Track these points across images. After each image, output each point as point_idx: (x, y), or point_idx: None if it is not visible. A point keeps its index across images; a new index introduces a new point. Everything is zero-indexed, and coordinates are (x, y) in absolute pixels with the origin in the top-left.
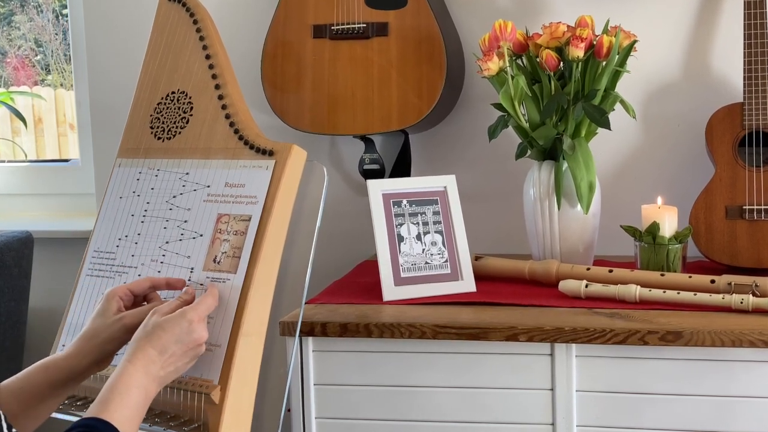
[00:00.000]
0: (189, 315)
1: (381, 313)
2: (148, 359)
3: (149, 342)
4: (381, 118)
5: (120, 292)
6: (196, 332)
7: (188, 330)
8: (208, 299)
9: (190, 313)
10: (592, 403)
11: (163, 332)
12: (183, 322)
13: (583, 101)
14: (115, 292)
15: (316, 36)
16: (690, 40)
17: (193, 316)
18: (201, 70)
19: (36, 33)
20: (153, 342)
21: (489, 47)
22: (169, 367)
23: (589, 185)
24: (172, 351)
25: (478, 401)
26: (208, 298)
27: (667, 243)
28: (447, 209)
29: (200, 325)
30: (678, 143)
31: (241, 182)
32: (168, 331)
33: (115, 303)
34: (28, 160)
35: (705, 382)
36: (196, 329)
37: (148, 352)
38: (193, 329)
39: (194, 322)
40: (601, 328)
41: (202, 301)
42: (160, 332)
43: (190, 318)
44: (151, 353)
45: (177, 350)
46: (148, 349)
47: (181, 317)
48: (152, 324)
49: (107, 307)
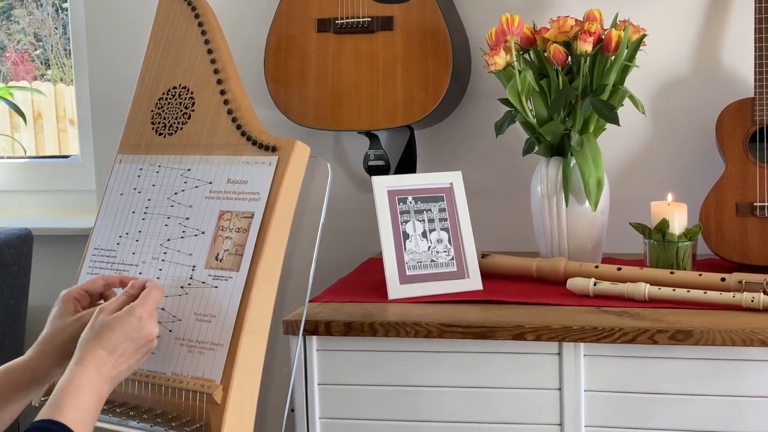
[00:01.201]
0: (137, 311)
1: (386, 312)
2: (99, 360)
3: (98, 342)
4: (386, 114)
5: (75, 293)
6: (146, 328)
7: (138, 327)
8: (153, 292)
9: (138, 309)
10: (600, 403)
11: (111, 332)
12: (132, 320)
13: (591, 96)
14: (70, 293)
15: (320, 30)
16: (700, 34)
17: (141, 312)
18: (203, 64)
19: (35, 27)
20: (102, 342)
21: (496, 41)
22: (121, 366)
23: (597, 182)
24: (123, 349)
25: (485, 401)
26: (153, 291)
27: (677, 240)
28: (453, 206)
29: (150, 321)
30: (688, 139)
31: (244, 179)
32: (117, 330)
33: (71, 304)
34: (27, 157)
35: (715, 381)
36: (146, 325)
37: (98, 353)
38: (143, 326)
39: (144, 318)
40: (610, 327)
41: (149, 294)
42: (108, 332)
43: (139, 314)
44: (101, 354)
45: (128, 348)
46: (97, 350)
47: (129, 314)
48: (99, 323)
49: (64, 309)
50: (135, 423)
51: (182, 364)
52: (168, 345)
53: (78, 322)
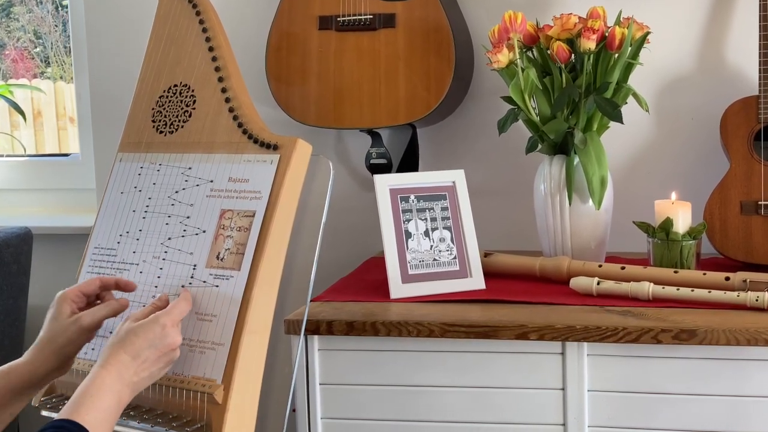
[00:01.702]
0: (162, 320)
1: (388, 311)
2: (122, 365)
3: (122, 347)
4: (388, 112)
5: (71, 294)
6: (169, 337)
7: (162, 335)
8: (181, 303)
9: (163, 318)
10: (604, 403)
11: (136, 337)
12: (156, 327)
13: (594, 94)
14: (66, 295)
15: (321, 27)
16: (704, 31)
17: (166, 320)
18: (204, 62)
19: (35, 24)
20: (126, 347)
21: (499, 39)
22: (143, 372)
23: (601, 180)
24: (146, 356)
25: (488, 401)
26: (182, 303)
27: (681, 239)
28: (456, 205)
29: (174, 330)
30: (692, 137)
31: (245, 177)
32: (141, 337)
33: (67, 306)
34: (27, 155)
35: (719, 381)
36: (170, 334)
37: (122, 358)
38: (166, 334)
39: (167, 327)
40: (614, 327)
41: (176, 305)
42: (133, 337)
43: (163, 323)
44: (124, 358)
45: (150, 355)
46: (121, 355)
47: (154, 322)
48: (125, 330)
49: (60, 310)
50: (135, 423)
51: (183, 363)
52: None
53: (75, 325)
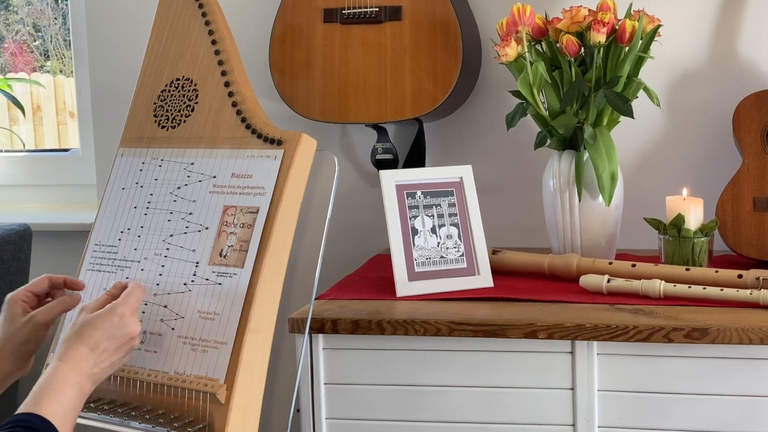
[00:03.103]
0: (119, 309)
1: (394, 310)
2: (81, 357)
3: (80, 339)
4: (394, 106)
5: (21, 295)
6: (128, 326)
7: (120, 324)
8: (136, 290)
9: (120, 307)
10: (614, 403)
11: (93, 329)
12: (114, 317)
13: (605, 88)
14: (15, 296)
15: (326, 20)
16: (716, 24)
17: (124, 309)
18: (207, 56)
19: (34, 17)
20: (84, 339)
21: (507, 32)
22: (103, 363)
23: (611, 176)
24: (105, 347)
25: (496, 401)
26: (136, 290)
27: (693, 236)
28: (463, 201)
29: (132, 318)
30: (704, 132)
31: (249, 173)
32: (99, 328)
33: (18, 306)
34: (26, 150)
35: (732, 381)
36: (129, 323)
37: (80, 350)
38: (125, 323)
39: (126, 316)
40: (624, 325)
41: (131, 292)
42: (90, 329)
43: (121, 312)
44: (82, 351)
45: (110, 346)
46: (79, 347)
47: (111, 312)
48: (81, 321)
49: (12, 312)
50: (137, 423)
51: (185, 362)
52: (171, 343)
53: (30, 323)
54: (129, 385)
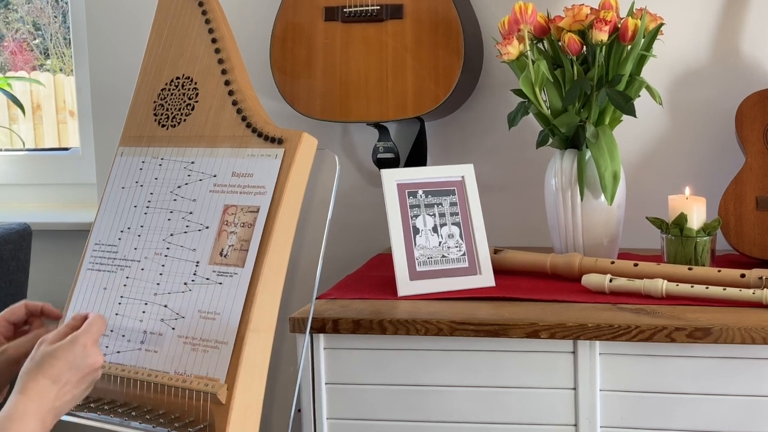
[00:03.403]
0: (81, 339)
1: (395, 309)
2: (42, 389)
3: (41, 371)
4: (395, 105)
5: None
6: (91, 357)
7: (82, 355)
8: (97, 321)
9: (82, 337)
10: (616, 403)
11: (55, 360)
12: (76, 348)
13: (607, 87)
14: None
15: (327, 19)
16: (719, 22)
17: (86, 339)
18: (207, 54)
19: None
20: (45, 371)
21: (509, 30)
22: (65, 396)
23: (613, 175)
24: (67, 379)
25: (497, 401)
26: (98, 320)
27: (695, 235)
28: (465, 200)
29: (94, 349)
30: (706, 131)
31: (249, 172)
32: (61, 359)
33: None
34: (26, 149)
35: (735, 381)
36: (91, 353)
37: (41, 383)
38: (87, 353)
39: (88, 346)
40: (626, 325)
41: (93, 323)
42: (52, 360)
43: (83, 342)
44: (44, 383)
45: (72, 378)
46: (40, 379)
47: (73, 342)
48: (41, 353)
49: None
50: (137, 423)
51: (185, 362)
52: (171, 343)
53: (2, 357)
54: (129, 385)
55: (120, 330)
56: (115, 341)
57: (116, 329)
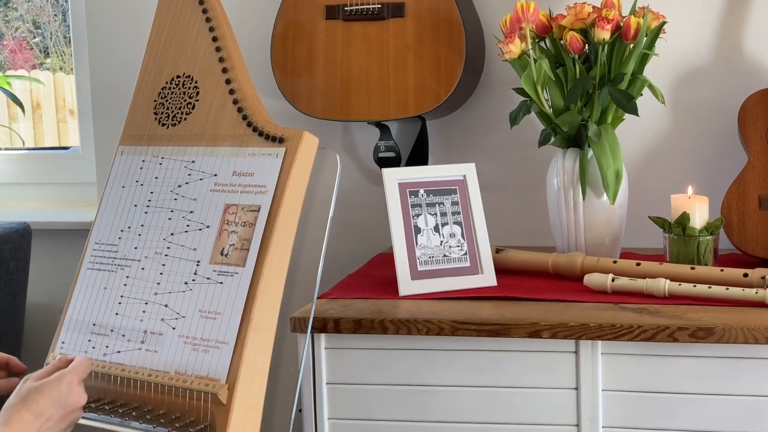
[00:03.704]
0: (67, 377)
1: (397, 309)
2: (24, 423)
3: (25, 406)
4: (397, 104)
5: None
6: (75, 394)
7: (67, 392)
8: (84, 362)
9: (68, 376)
10: (618, 403)
11: (40, 396)
12: (61, 385)
13: (609, 86)
14: None
15: (328, 17)
16: (721, 21)
17: (72, 378)
18: (208, 53)
19: (34, 14)
20: (29, 406)
21: (510, 29)
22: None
23: (615, 174)
24: (50, 414)
25: (499, 401)
26: (84, 361)
27: (698, 235)
28: (466, 199)
29: (79, 388)
30: (709, 130)
31: (250, 171)
32: (45, 395)
33: None
34: (25, 148)
35: (737, 381)
36: (75, 391)
37: (24, 416)
38: (72, 391)
39: (73, 384)
40: (629, 324)
41: (79, 363)
42: (36, 395)
43: (69, 380)
44: (27, 417)
45: (54, 414)
46: (23, 413)
47: (58, 380)
48: (27, 388)
49: None
50: (137, 424)
51: (186, 362)
52: (171, 343)
53: None
54: (129, 385)
55: (120, 330)
56: (115, 341)
57: (116, 329)
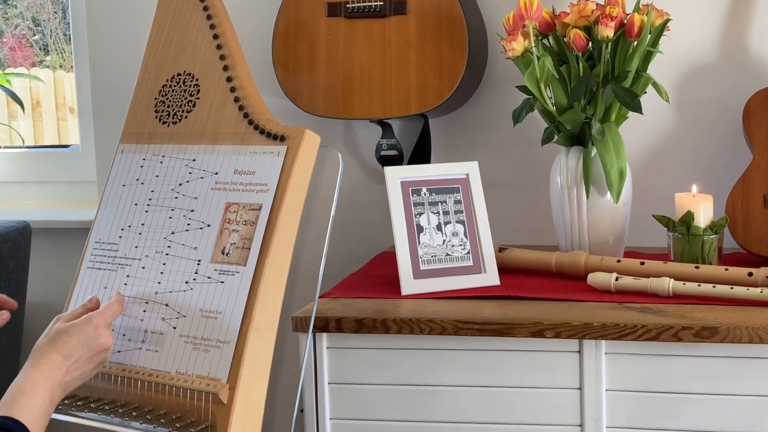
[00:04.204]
0: (95, 320)
1: (399, 308)
2: (53, 364)
3: (54, 347)
4: (399, 102)
5: None
6: (102, 337)
7: (94, 335)
8: (114, 305)
9: (96, 318)
10: (622, 403)
11: (68, 337)
12: (89, 327)
13: (613, 83)
14: None
15: (330, 14)
16: (726, 18)
17: (99, 320)
18: (208, 50)
19: (34, 11)
20: (58, 347)
21: (513, 26)
22: (75, 372)
23: (619, 172)
24: (78, 356)
25: (502, 401)
26: (114, 304)
27: (702, 233)
28: (469, 198)
29: (106, 330)
30: (713, 128)
31: (251, 169)
32: (73, 336)
33: None
34: (25, 146)
35: (742, 380)
36: (102, 334)
37: (53, 357)
38: (99, 334)
39: (100, 327)
40: (633, 324)
41: (108, 306)
42: (65, 337)
43: (96, 323)
44: (55, 358)
45: (82, 355)
46: (52, 354)
47: (86, 322)
48: (56, 330)
49: None
50: (138, 424)
51: (187, 362)
52: (172, 342)
53: None
54: (130, 385)
55: (121, 329)
56: (115, 340)
57: (117, 328)
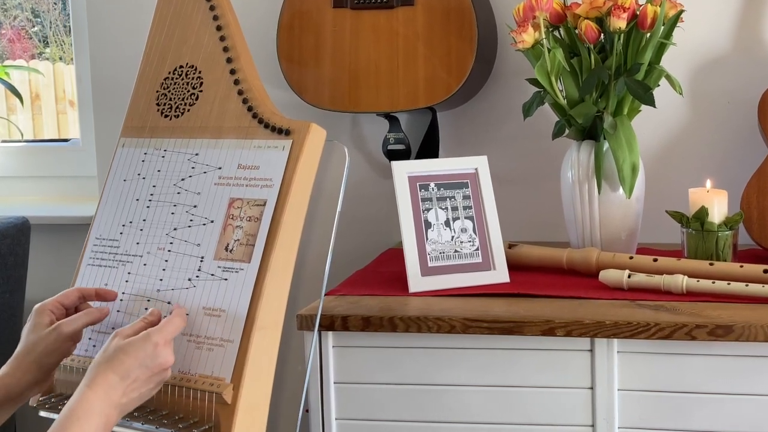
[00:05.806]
0: (154, 338)
1: (406, 306)
2: (109, 385)
3: (110, 366)
4: (407, 95)
5: (50, 305)
6: (161, 356)
7: (153, 354)
8: (175, 320)
9: (155, 336)
10: (635, 403)
11: (125, 356)
12: (147, 346)
13: (625, 76)
14: (45, 306)
15: (336, 6)
16: (740, 10)
17: (158, 338)
18: (212, 42)
19: (33, 3)
20: (115, 366)
21: (524, 18)
22: (132, 393)
23: (632, 167)
24: (136, 376)
25: (512, 401)
26: (176, 319)
27: (717, 230)
28: (478, 193)
29: (166, 349)
30: (728, 122)
31: (255, 164)
32: (131, 355)
33: (46, 316)
34: (24, 140)
35: (757, 380)
36: (162, 353)
37: (109, 378)
38: (158, 353)
39: (159, 345)
40: (645, 322)
41: (169, 321)
42: (122, 356)
43: (155, 341)
44: (112, 379)
45: (141, 375)
46: (109, 374)
47: (145, 340)
48: (114, 347)
49: (39, 321)
50: (140, 424)
51: (190, 361)
52: (175, 341)
53: (54, 333)
54: None
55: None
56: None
57: (118, 327)
